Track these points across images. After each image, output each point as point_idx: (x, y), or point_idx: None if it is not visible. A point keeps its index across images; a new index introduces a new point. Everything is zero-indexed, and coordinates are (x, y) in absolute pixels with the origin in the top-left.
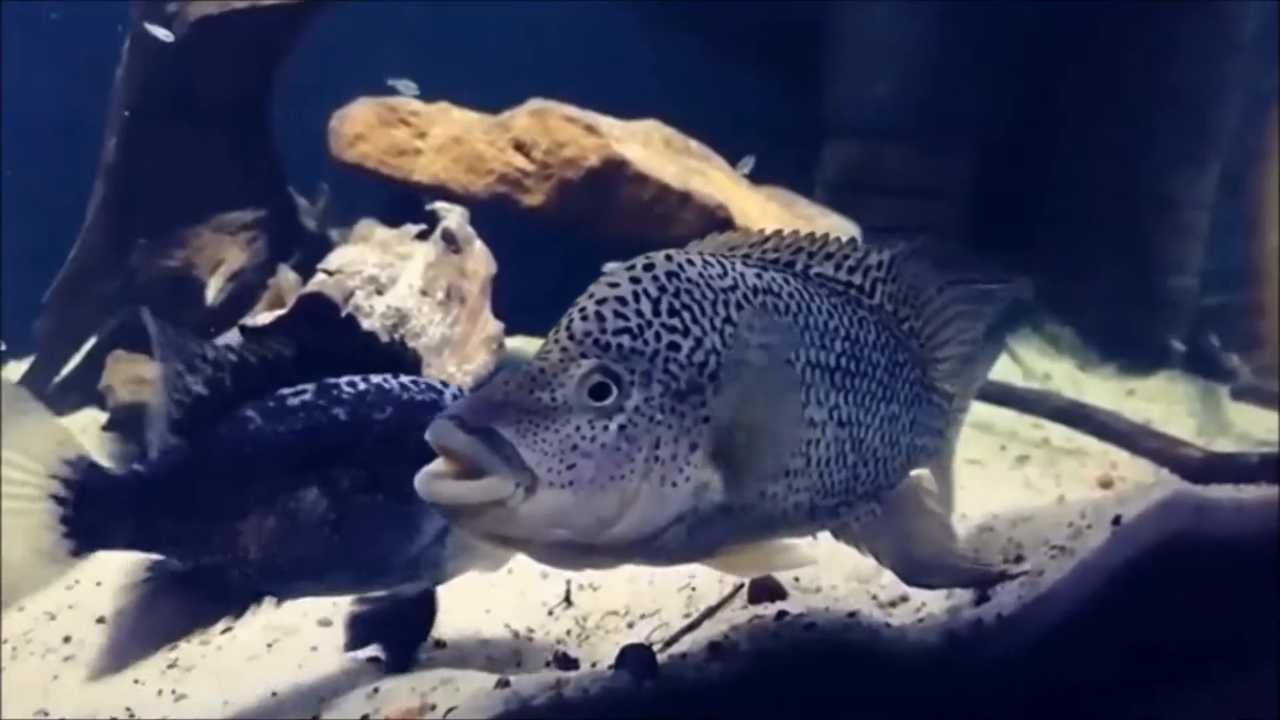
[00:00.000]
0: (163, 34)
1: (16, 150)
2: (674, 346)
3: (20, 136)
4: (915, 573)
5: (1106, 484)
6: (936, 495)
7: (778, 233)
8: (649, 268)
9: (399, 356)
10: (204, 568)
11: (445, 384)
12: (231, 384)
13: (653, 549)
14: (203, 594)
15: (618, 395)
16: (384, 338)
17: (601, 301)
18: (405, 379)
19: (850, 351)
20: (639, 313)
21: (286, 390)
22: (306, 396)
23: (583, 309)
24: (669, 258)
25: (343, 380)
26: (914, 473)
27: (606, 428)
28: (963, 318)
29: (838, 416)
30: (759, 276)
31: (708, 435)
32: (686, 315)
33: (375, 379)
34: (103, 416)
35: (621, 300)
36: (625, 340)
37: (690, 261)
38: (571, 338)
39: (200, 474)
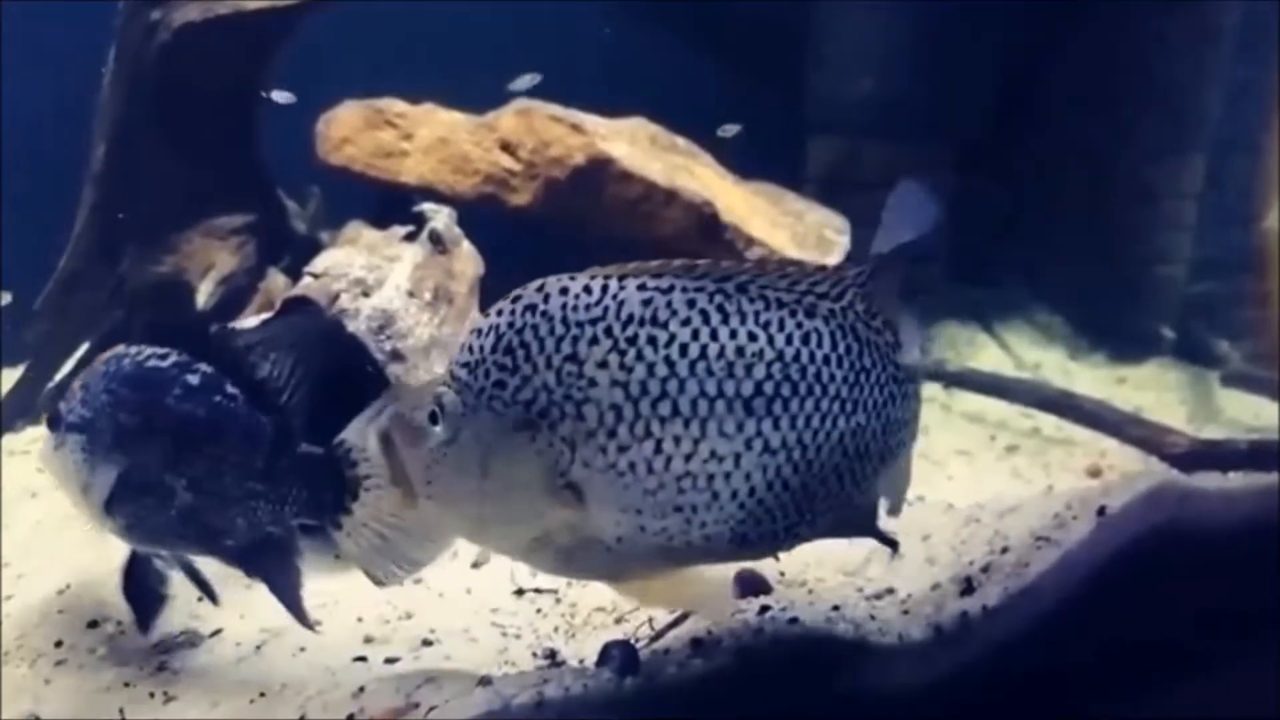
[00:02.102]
0: (285, 98)
1: (11, 157)
2: (500, 384)
3: (12, 144)
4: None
5: (1095, 473)
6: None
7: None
8: (516, 299)
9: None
10: None
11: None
12: None
13: (550, 566)
14: None
15: (452, 424)
16: (369, 340)
17: (471, 332)
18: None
19: (782, 375)
20: (481, 347)
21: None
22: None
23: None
24: (541, 288)
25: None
26: None
27: (446, 454)
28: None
29: (761, 445)
30: (646, 304)
31: (546, 470)
32: (520, 353)
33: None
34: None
35: (478, 333)
36: (464, 374)
37: (564, 291)
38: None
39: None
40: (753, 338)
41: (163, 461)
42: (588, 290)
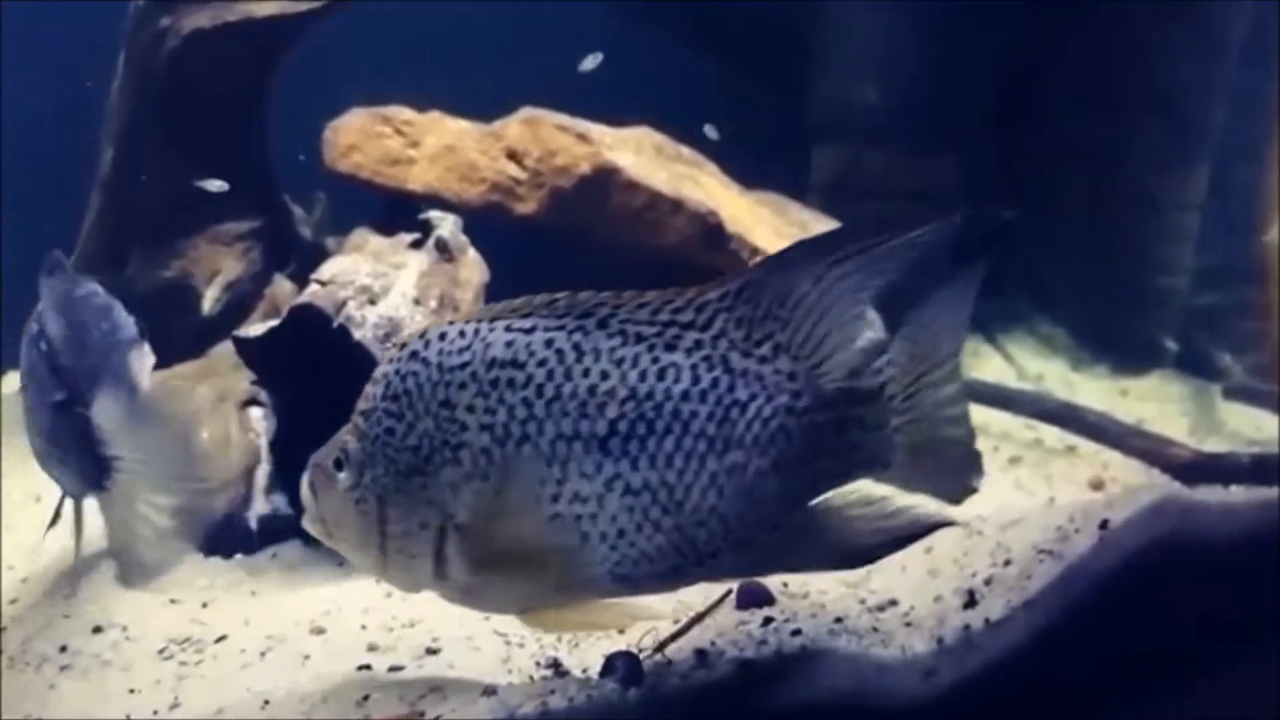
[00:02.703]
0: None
1: (13, 162)
2: (390, 431)
3: (18, 148)
4: (845, 565)
5: (1098, 485)
6: (873, 502)
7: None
8: (403, 348)
9: None
10: None
11: (93, 280)
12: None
13: (456, 600)
14: None
15: (354, 470)
16: (375, 348)
17: (370, 380)
18: (85, 287)
19: (636, 414)
20: (375, 395)
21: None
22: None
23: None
24: (423, 335)
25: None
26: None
27: (348, 499)
28: (846, 297)
29: (623, 486)
30: (508, 346)
31: (436, 515)
32: (404, 400)
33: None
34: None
35: (374, 380)
36: (362, 421)
37: (442, 336)
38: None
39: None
40: (605, 376)
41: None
42: (461, 335)
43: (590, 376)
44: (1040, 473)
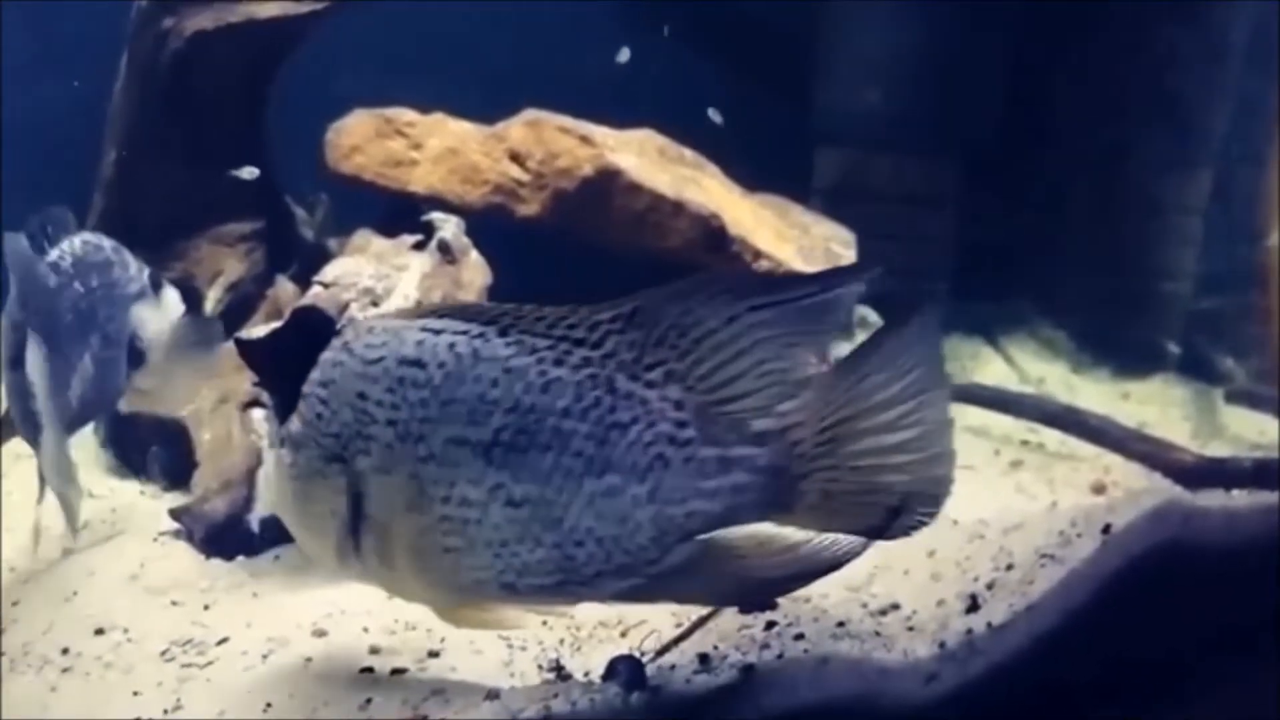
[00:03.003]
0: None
1: (14, 165)
2: (319, 416)
3: (20, 148)
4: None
5: (1099, 489)
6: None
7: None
8: (339, 336)
9: None
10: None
11: (99, 238)
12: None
13: (374, 584)
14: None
15: (292, 450)
16: None
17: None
18: (79, 242)
19: (518, 425)
20: (313, 380)
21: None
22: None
23: None
24: (356, 327)
25: (54, 256)
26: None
27: (288, 476)
28: (763, 342)
29: (506, 496)
30: (417, 346)
31: (349, 503)
32: (331, 388)
33: (68, 248)
34: (101, 427)
35: (316, 365)
36: (302, 404)
37: (370, 330)
38: None
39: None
40: (494, 384)
41: None
42: (384, 331)
43: (481, 384)
44: (1042, 476)
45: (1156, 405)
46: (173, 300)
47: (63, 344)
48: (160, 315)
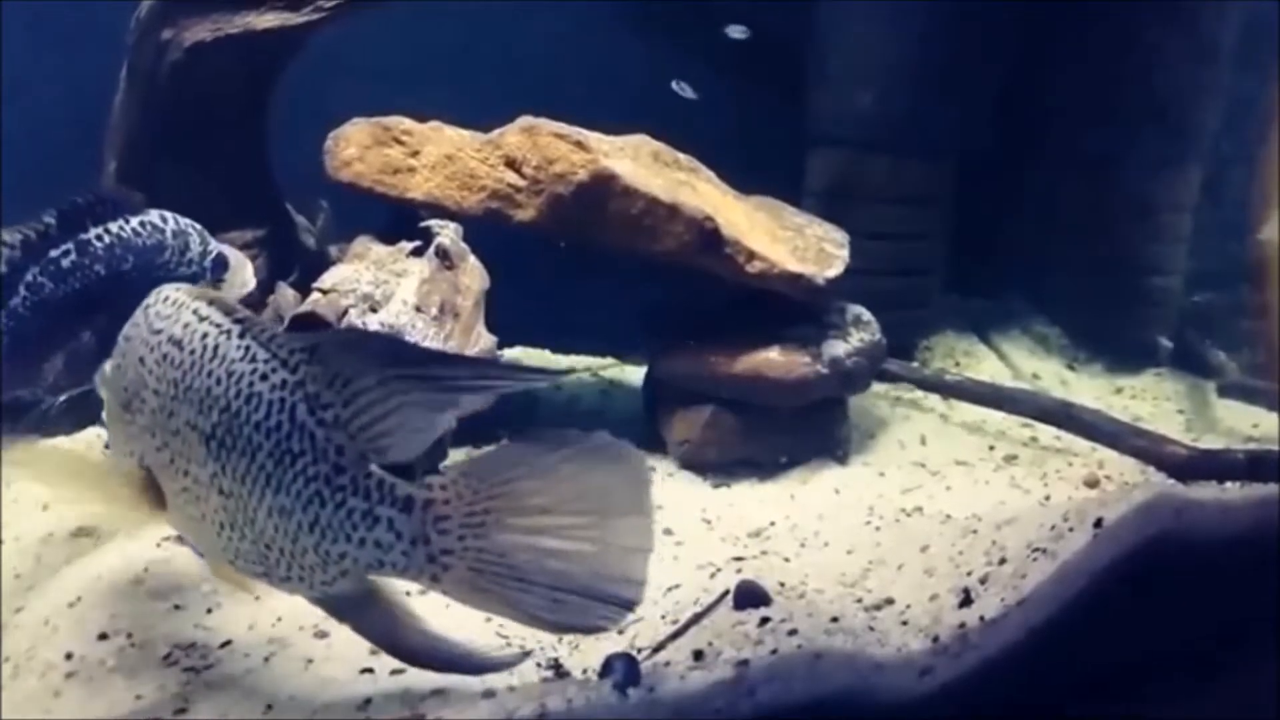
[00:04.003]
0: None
1: (15, 175)
2: (119, 368)
3: (19, 158)
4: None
5: (1093, 483)
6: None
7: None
8: (145, 300)
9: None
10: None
11: (164, 218)
12: (21, 257)
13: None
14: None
15: (103, 389)
16: None
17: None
18: (135, 223)
19: (228, 424)
20: (121, 334)
21: (56, 252)
22: (73, 257)
23: None
24: (160, 293)
25: (92, 234)
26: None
27: (103, 411)
28: (411, 409)
29: (219, 485)
30: (185, 327)
31: (137, 451)
32: (128, 344)
33: (114, 228)
34: (104, 434)
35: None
36: (115, 351)
37: (164, 300)
38: None
39: (16, 333)
40: (219, 382)
41: None
42: (173, 305)
43: (211, 378)
44: (1036, 471)
45: (1150, 399)
46: (248, 275)
47: (58, 324)
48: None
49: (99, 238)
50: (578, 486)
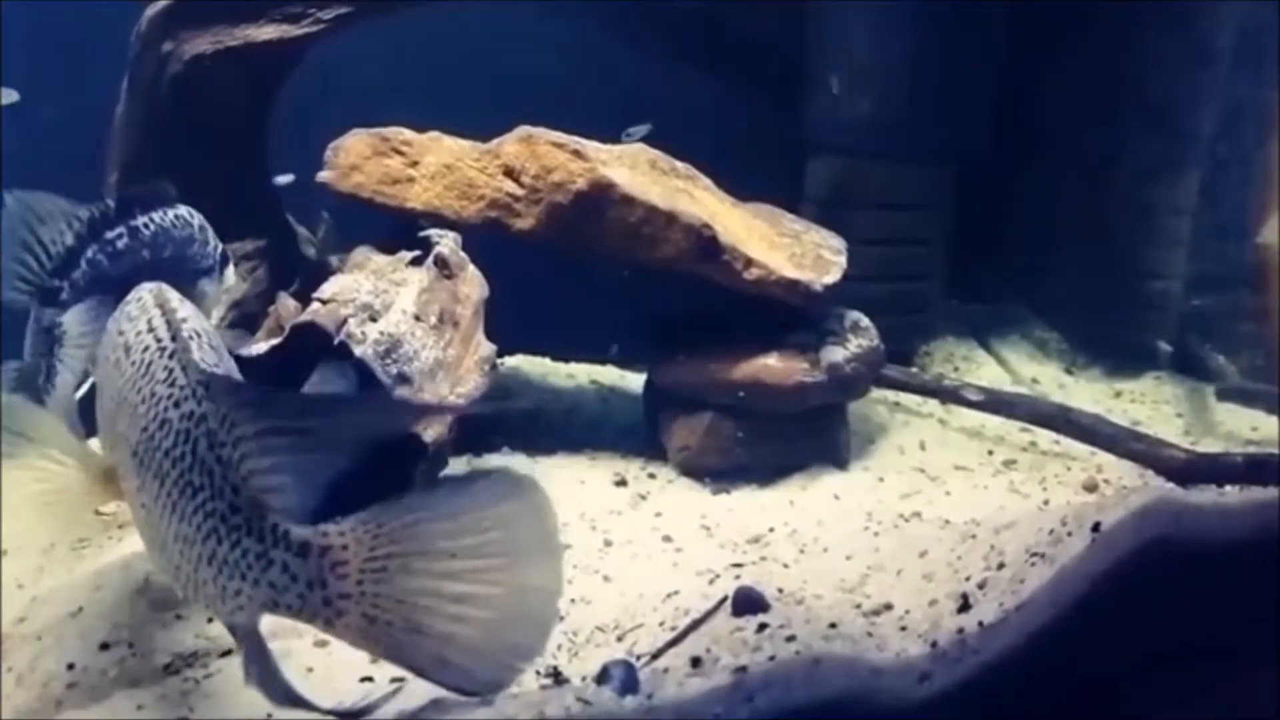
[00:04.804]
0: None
1: (22, 183)
2: (99, 358)
3: (20, 169)
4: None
5: (1091, 488)
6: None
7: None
8: (132, 295)
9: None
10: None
11: (190, 213)
12: (88, 234)
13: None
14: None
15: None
16: (376, 365)
17: None
18: (171, 215)
19: (146, 444)
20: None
21: (111, 234)
22: (126, 240)
23: None
24: (137, 292)
25: (140, 222)
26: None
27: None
28: (294, 459)
29: (142, 500)
30: (136, 335)
31: (108, 439)
32: (105, 337)
33: (157, 218)
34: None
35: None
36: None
37: (139, 300)
38: None
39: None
40: (143, 400)
41: None
42: (139, 305)
43: (140, 393)
44: (1034, 475)
45: (1149, 403)
46: (230, 277)
47: (107, 302)
48: (218, 291)
49: (145, 225)
50: (482, 528)
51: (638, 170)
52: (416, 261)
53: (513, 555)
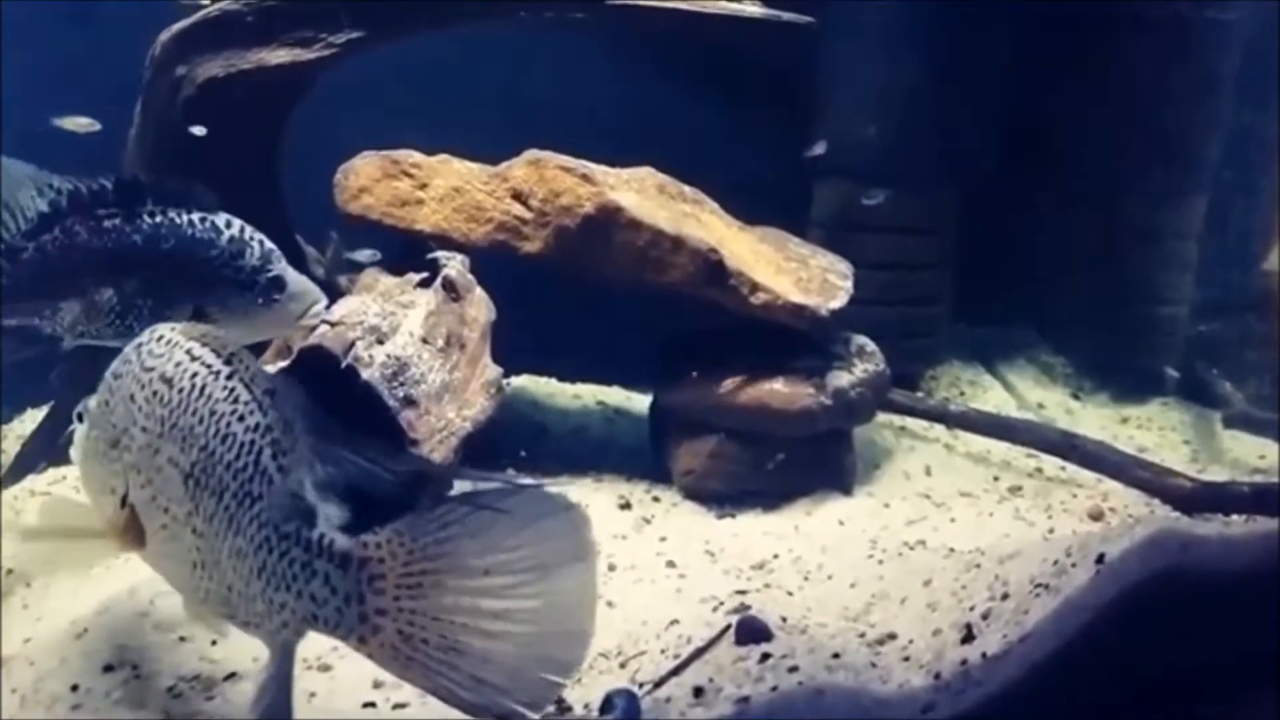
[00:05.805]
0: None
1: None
2: (106, 404)
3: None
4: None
5: (1097, 516)
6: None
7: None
8: (146, 334)
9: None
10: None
11: (229, 222)
12: (66, 204)
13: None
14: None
15: (88, 424)
16: (383, 387)
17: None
18: (195, 216)
19: (204, 463)
20: (109, 370)
21: (102, 212)
22: (116, 221)
23: None
24: (154, 332)
25: (144, 211)
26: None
27: (83, 447)
28: (346, 470)
29: (193, 524)
30: (176, 365)
31: (121, 487)
32: (118, 382)
33: (171, 214)
34: (73, 472)
35: (121, 354)
36: (101, 386)
37: (159, 339)
38: None
39: (39, 266)
40: (201, 421)
41: None
42: (164, 342)
43: (195, 416)
44: (1040, 503)
45: (1155, 430)
46: (299, 307)
47: (80, 271)
48: (259, 318)
49: (150, 214)
50: (517, 545)
51: (645, 194)
52: (424, 283)
53: (547, 569)
